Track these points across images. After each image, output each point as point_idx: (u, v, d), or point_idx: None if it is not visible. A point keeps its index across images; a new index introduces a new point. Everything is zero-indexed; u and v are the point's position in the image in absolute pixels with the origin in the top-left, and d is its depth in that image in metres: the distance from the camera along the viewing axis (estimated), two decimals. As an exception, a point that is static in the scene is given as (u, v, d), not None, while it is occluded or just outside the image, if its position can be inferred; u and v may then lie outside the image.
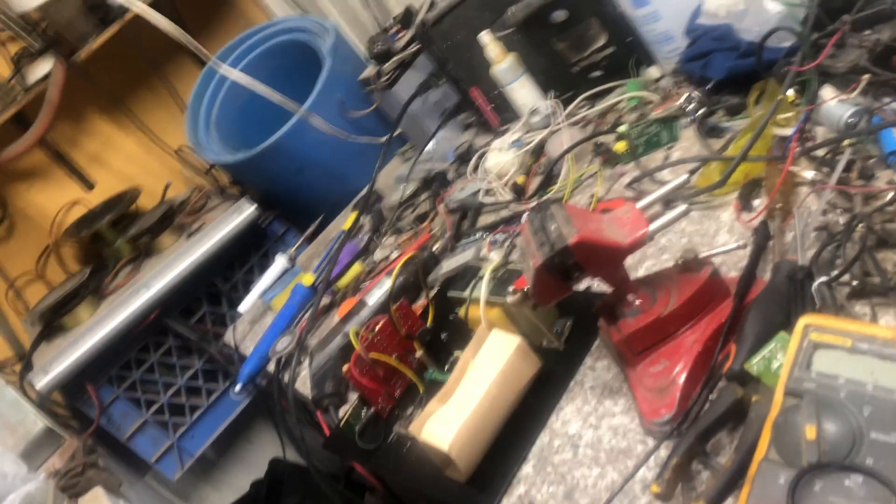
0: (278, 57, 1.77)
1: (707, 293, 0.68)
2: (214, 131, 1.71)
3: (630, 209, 0.67)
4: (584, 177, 1.07)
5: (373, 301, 1.07)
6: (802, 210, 0.74)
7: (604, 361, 0.78)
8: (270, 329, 1.25)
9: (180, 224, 1.73)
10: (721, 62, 0.94)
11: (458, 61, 1.29)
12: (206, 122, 1.73)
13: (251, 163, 1.51)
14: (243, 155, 1.52)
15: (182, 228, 1.71)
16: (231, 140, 1.70)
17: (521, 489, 0.71)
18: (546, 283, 0.67)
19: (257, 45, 1.78)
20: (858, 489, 0.48)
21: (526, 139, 1.22)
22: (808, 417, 0.52)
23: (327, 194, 1.57)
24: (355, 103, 1.51)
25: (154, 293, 1.54)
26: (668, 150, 1.00)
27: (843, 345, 0.55)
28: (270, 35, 1.77)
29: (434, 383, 0.87)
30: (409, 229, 1.29)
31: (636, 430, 0.68)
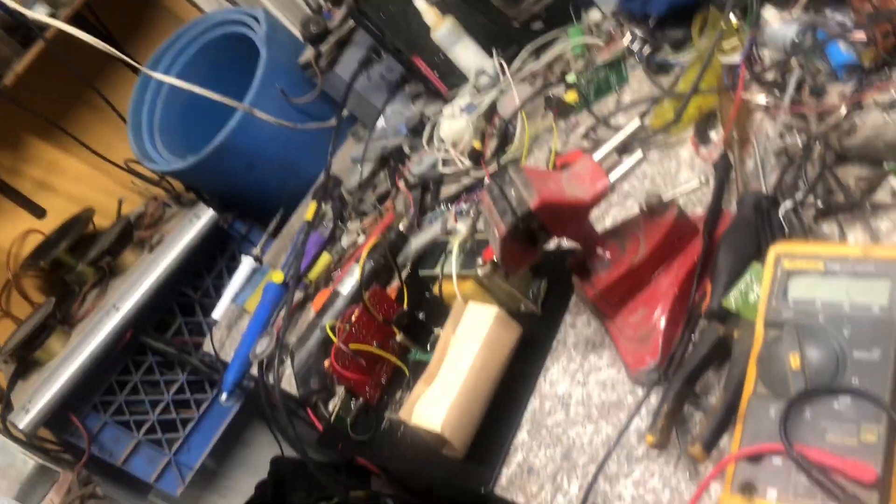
0: (214, 52, 1.71)
1: (675, 235, 0.67)
2: (160, 139, 1.66)
3: (587, 162, 0.66)
4: (539, 133, 1.06)
5: (346, 290, 1.05)
6: (760, 137, 0.74)
7: (583, 317, 0.77)
8: (247, 332, 1.23)
9: (140, 239, 1.68)
10: (660, -3, 0.93)
11: (396, 32, 1.26)
12: (150, 131, 1.67)
13: (201, 166, 1.46)
14: (192, 160, 1.47)
15: (143, 243, 1.67)
16: (178, 146, 1.65)
17: (519, 456, 0.71)
18: (513, 250, 0.66)
19: (190, 44, 1.72)
20: (848, 410, 0.48)
21: (476, 102, 1.19)
22: (791, 347, 0.51)
23: (284, 187, 1.53)
24: (298, 89, 1.47)
25: (125, 313, 1.50)
26: (619, 93, 0.98)
27: (816, 269, 0.54)
28: (202, 31, 1.71)
29: (419, 364, 0.86)
30: (372, 211, 1.26)
31: (624, 382, 0.68)
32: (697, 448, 0.55)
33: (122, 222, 1.76)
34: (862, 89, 0.69)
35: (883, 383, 0.47)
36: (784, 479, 0.47)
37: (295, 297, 1.19)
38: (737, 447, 0.50)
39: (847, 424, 0.47)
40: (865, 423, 0.47)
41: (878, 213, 0.60)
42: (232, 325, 1.38)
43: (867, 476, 0.44)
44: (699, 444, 0.55)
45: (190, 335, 1.67)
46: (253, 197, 1.64)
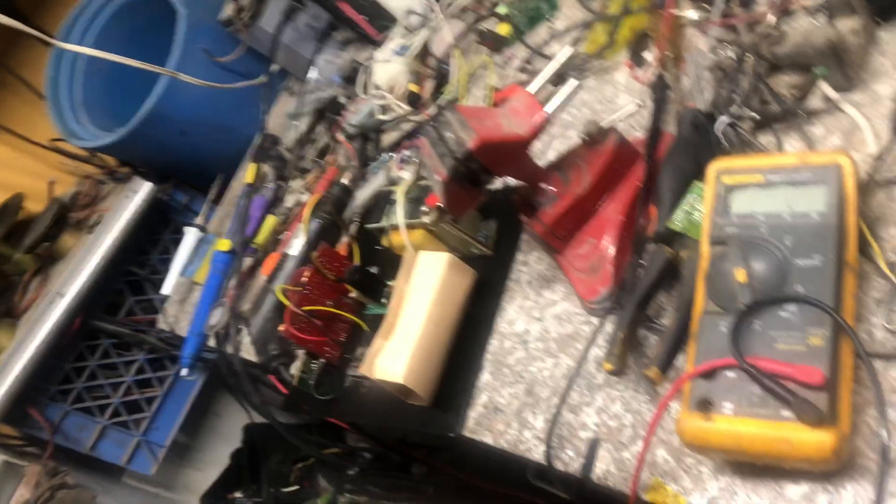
0: (130, 15, 1.62)
1: (617, 161, 0.67)
2: (84, 114, 1.58)
3: (523, 96, 0.64)
4: (475, 69, 1.03)
5: (294, 251, 1.03)
6: (693, 53, 0.73)
7: (534, 254, 0.77)
8: (200, 304, 1.20)
9: (77, 221, 1.62)
10: (581, -83, 0.90)
11: (317, -23, 1.21)
12: (72, 106, 1.59)
13: (131, 138, 1.40)
14: (121, 132, 1.41)
15: (80, 225, 1.60)
16: (105, 119, 1.58)
17: (484, 397, 0.71)
18: (457, 194, 0.64)
19: (103, 8, 1.63)
20: (795, 318, 0.49)
21: (408, 44, 1.16)
22: (736, 261, 0.52)
23: (220, 151, 1.48)
24: (223, 48, 1.41)
25: (71, 299, 1.45)
26: (551, 21, 0.96)
27: (756, 181, 0.54)
28: (113, -6, 1.62)
29: (376, 318, 0.85)
30: (314, 167, 1.23)
31: (579, 313, 0.69)
32: (654, 370, 0.56)
33: (56, 205, 1.68)
34: (789, -5, 0.68)
35: (825, 288, 0.48)
36: (738, 391, 0.48)
37: (244, 264, 1.17)
38: (691, 365, 0.51)
39: (794, 332, 0.48)
40: (811, 328, 0.47)
41: (812, 119, 0.61)
42: (184, 298, 1.35)
43: (815, 379, 0.45)
44: (655, 366, 0.56)
45: (143, 313, 1.63)
46: (190, 164, 1.58)
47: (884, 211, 0.53)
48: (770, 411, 0.46)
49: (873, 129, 0.56)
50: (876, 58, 0.59)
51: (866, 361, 0.46)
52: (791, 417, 0.45)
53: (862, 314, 0.50)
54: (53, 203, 1.72)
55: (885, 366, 0.48)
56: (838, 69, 0.58)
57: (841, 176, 0.51)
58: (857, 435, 0.47)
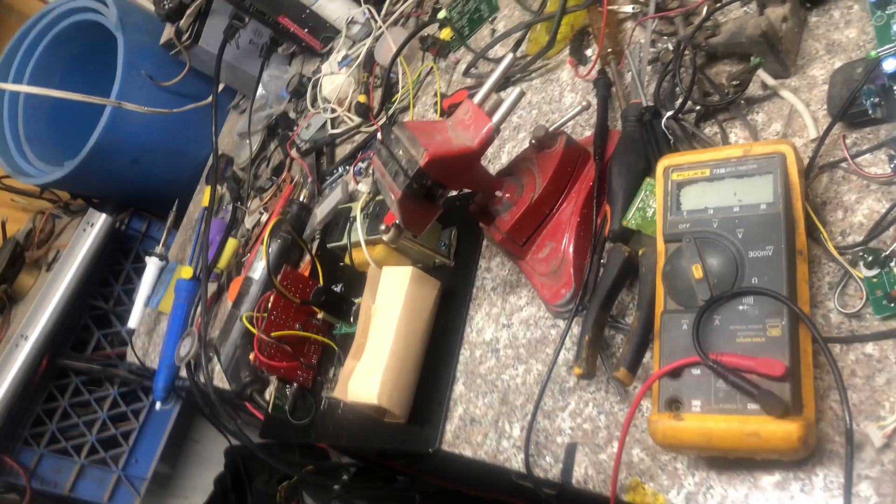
0: (68, 45, 1.59)
1: (568, 163, 0.67)
2: (29, 150, 1.54)
3: (469, 108, 0.64)
4: (421, 76, 1.03)
5: (258, 275, 1.02)
6: (633, 47, 0.73)
7: (497, 259, 0.77)
8: (168, 334, 1.19)
9: (34, 259, 1.58)
10: (513, -83, 0.90)
11: (255, -6, 1.19)
12: (17, 143, 1.55)
13: (81, 171, 1.37)
14: (70, 166, 1.38)
15: (38, 263, 1.57)
16: (52, 153, 1.54)
17: (460, 409, 0.71)
18: (413, 210, 0.64)
19: (40, 39, 1.59)
20: (752, 309, 0.49)
21: (353, 54, 1.15)
22: (692, 258, 0.52)
23: (174, 175, 1.46)
24: (167, 71, 1.38)
25: (35, 340, 1.42)
26: (492, 22, 0.96)
27: (704, 175, 0.55)
28: (50, 24, 1.57)
29: (346, 337, 0.85)
30: (270, 186, 1.22)
31: (546, 317, 0.69)
32: (622, 371, 0.56)
33: (10, 244, 1.64)
34: (721, -17, 0.69)
35: (779, 277, 0.49)
36: (705, 388, 0.49)
37: (209, 290, 1.16)
38: (657, 365, 0.52)
39: (753, 324, 0.49)
40: (769, 319, 0.48)
41: (753, 106, 0.62)
42: (151, 329, 1.33)
43: (777, 370, 0.46)
44: (623, 367, 0.56)
45: (112, 346, 1.60)
46: (145, 191, 1.56)
47: (828, 194, 0.54)
48: (737, 406, 0.47)
49: (812, 114, 0.57)
50: (809, 43, 0.60)
51: (824, 348, 0.47)
52: (757, 410, 0.46)
53: (817, 299, 0.51)
54: (7, 243, 1.67)
55: (844, 349, 0.49)
56: (773, 57, 0.59)
57: (785, 164, 0.52)
58: (823, 420, 0.48)
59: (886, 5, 0.51)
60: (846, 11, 0.59)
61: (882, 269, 0.48)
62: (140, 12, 1.46)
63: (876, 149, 0.52)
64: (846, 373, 0.48)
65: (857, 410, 0.46)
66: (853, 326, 0.49)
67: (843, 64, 0.56)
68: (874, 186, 0.51)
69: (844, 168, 0.53)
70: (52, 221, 1.70)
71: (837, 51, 0.58)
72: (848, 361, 0.48)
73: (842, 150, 0.53)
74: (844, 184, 0.53)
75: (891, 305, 0.47)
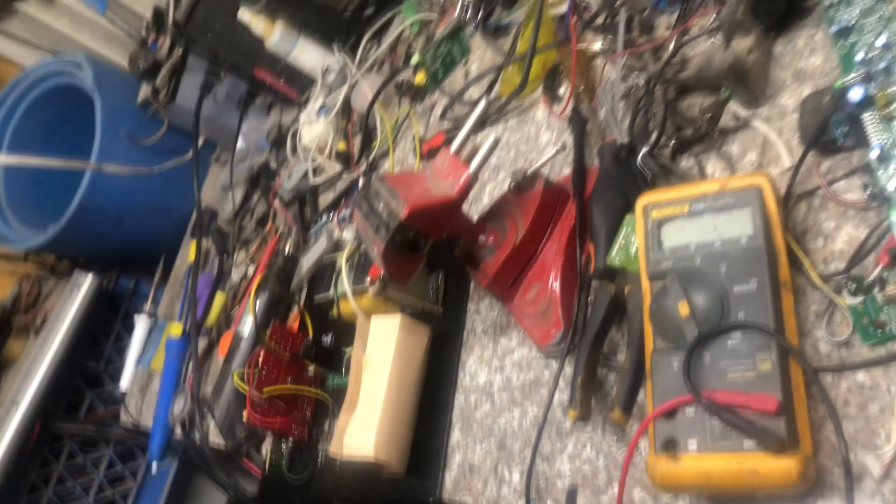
0: (48, 108, 1.59)
1: (548, 204, 0.67)
2: (12, 216, 1.54)
3: (446, 157, 0.65)
4: (399, 121, 1.04)
5: (247, 330, 1.01)
6: (604, 84, 0.74)
7: (485, 301, 0.77)
8: (161, 393, 1.17)
9: (22, 325, 1.57)
10: (478, -39, 0.91)
11: (230, 48, 1.20)
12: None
13: (64, 234, 1.37)
14: (53, 230, 1.37)
15: (26, 329, 1.56)
16: (35, 217, 1.54)
17: (458, 457, 0.70)
18: (397, 263, 0.64)
19: (18, 105, 1.59)
20: (741, 345, 0.49)
21: (330, 102, 1.16)
22: (677, 296, 0.52)
23: (159, 232, 1.46)
24: (146, 129, 1.39)
25: (26, 407, 1.40)
26: (465, 64, 0.97)
27: (683, 212, 0.55)
28: (27, 89, 1.58)
29: (339, 389, 0.84)
30: (255, 237, 1.22)
31: (538, 357, 0.69)
32: (617, 412, 0.56)
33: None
34: (686, 17, 0.70)
35: (765, 311, 0.49)
36: (700, 427, 0.48)
37: (200, 346, 1.15)
38: (651, 406, 0.51)
39: (743, 359, 0.48)
40: (759, 353, 0.48)
41: (727, 138, 0.62)
42: (144, 389, 1.31)
43: (770, 405, 0.46)
44: (618, 407, 0.56)
45: (105, 406, 1.58)
46: (131, 249, 1.56)
47: (808, 223, 0.54)
48: (733, 443, 0.47)
49: (785, 143, 0.57)
50: (777, 72, 0.61)
51: (815, 379, 0.47)
52: (754, 447, 0.46)
53: (804, 329, 0.51)
54: (-6, 310, 1.66)
55: (835, 378, 0.48)
56: (743, 88, 0.59)
57: (762, 197, 0.52)
58: (821, 452, 0.47)
59: (847, 34, 0.52)
60: (810, 40, 0.60)
61: (866, 296, 0.48)
62: (116, 73, 1.47)
63: (850, 175, 0.52)
64: (839, 402, 0.48)
65: (853, 441, 0.46)
66: (843, 355, 0.49)
67: (811, 92, 0.56)
68: (851, 213, 0.52)
69: (821, 195, 0.54)
70: (38, 285, 1.69)
71: (805, 79, 0.59)
72: (840, 391, 0.48)
73: (817, 178, 0.54)
74: (822, 211, 0.54)
75: (878, 332, 0.47)
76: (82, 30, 1.68)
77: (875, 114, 0.49)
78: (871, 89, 0.49)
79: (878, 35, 0.50)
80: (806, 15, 0.60)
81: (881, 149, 0.48)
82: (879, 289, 0.48)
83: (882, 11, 0.51)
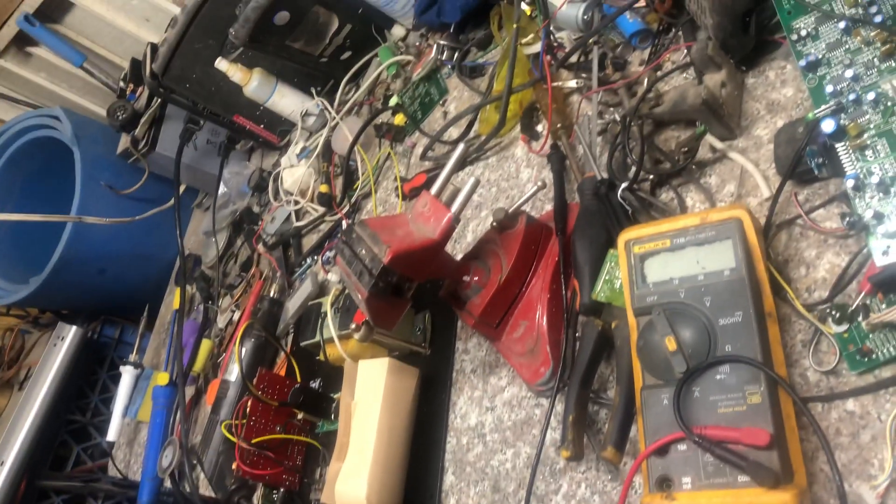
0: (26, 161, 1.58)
1: (531, 241, 0.67)
2: (-8, 270, 1.52)
3: (427, 200, 0.65)
4: (380, 162, 1.04)
5: (234, 377, 1.00)
6: (581, 121, 0.75)
7: (473, 340, 0.76)
8: (149, 445, 1.15)
9: (6, 379, 1.54)
10: (452, 4, 0.93)
11: (208, 97, 1.20)
12: (-22, 265, 1.53)
13: (47, 287, 1.36)
14: (34, 283, 1.36)
15: (10, 383, 1.53)
16: (16, 270, 1.52)
17: (452, 501, 0.69)
18: (382, 307, 0.64)
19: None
20: (730, 378, 0.49)
21: (311, 145, 1.16)
22: (663, 331, 0.52)
23: (143, 280, 1.45)
24: (126, 179, 1.39)
25: (11, 464, 1.38)
26: (443, 105, 0.98)
27: (665, 246, 0.55)
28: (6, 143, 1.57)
29: (329, 435, 0.83)
30: (239, 282, 1.21)
31: (528, 396, 0.68)
32: (610, 451, 0.55)
33: (-20, 366, 1.61)
34: (658, 53, 0.71)
35: (751, 342, 0.49)
36: (693, 463, 0.48)
37: (187, 394, 1.13)
38: (643, 443, 0.51)
39: (733, 393, 0.48)
40: (748, 386, 0.48)
41: (705, 170, 0.63)
42: (132, 440, 1.29)
43: (762, 439, 0.45)
44: (610, 446, 0.55)
45: (92, 460, 1.56)
46: (114, 298, 1.54)
47: (789, 252, 0.54)
48: (727, 479, 0.46)
49: (762, 173, 0.58)
50: (750, 104, 0.62)
51: (805, 410, 0.47)
52: (749, 482, 0.45)
53: (792, 359, 0.51)
54: (-24, 366, 1.63)
55: (825, 408, 0.48)
56: (717, 121, 0.60)
57: (742, 228, 0.52)
58: (816, 483, 0.47)
59: (817, 67, 0.53)
60: (780, 72, 0.61)
61: (850, 323, 0.48)
62: (94, 124, 1.47)
63: (828, 204, 0.53)
64: (831, 432, 0.47)
65: (847, 471, 0.46)
66: (832, 384, 0.49)
67: (784, 123, 0.57)
68: (832, 241, 0.52)
69: (801, 224, 0.54)
70: (21, 338, 1.67)
71: (778, 109, 0.60)
72: (831, 420, 0.48)
73: (796, 208, 0.54)
74: (803, 240, 0.54)
75: (865, 360, 0.47)
76: (60, 82, 1.69)
77: (848, 144, 0.50)
78: (842, 120, 0.50)
79: (846, 67, 0.51)
80: (775, 48, 0.61)
81: (856, 178, 0.49)
82: (863, 316, 0.48)
83: (848, 44, 0.52)
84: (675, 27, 0.69)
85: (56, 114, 1.41)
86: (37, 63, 1.65)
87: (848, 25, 0.51)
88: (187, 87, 1.17)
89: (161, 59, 1.12)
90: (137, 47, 1.51)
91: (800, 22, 0.55)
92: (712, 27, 0.59)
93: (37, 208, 1.30)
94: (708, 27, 0.60)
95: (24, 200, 1.49)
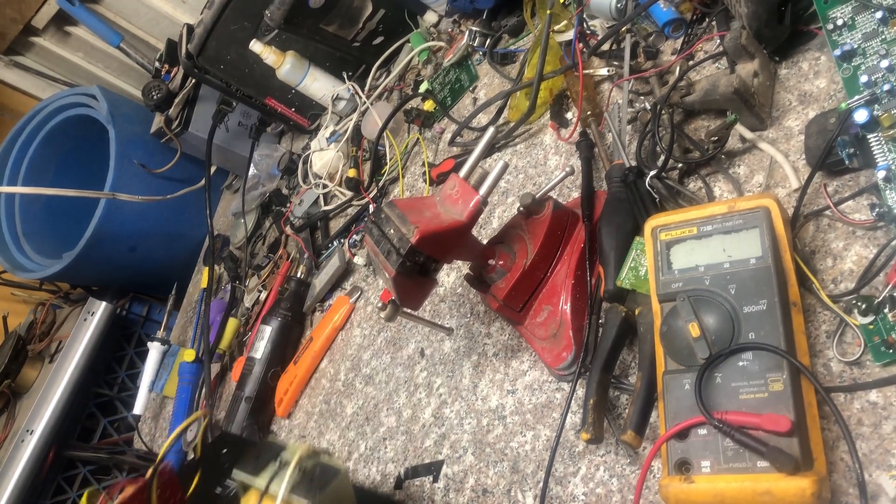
0: (62, 139, 1.62)
1: (557, 227, 0.68)
2: (28, 245, 1.56)
3: (456, 183, 0.65)
4: (408, 147, 1.05)
5: (259, 354, 1.01)
6: (611, 109, 0.75)
7: (496, 324, 0.77)
8: (174, 419, 1.18)
9: (37, 352, 1.58)
10: (485, -10, 0.93)
11: (241, 79, 1.22)
12: (14, 239, 1.57)
13: (79, 263, 1.39)
14: (67, 259, 1.39)
15: (41, 356, 1.57)
16: (50, 246, 1.56)
17: (471, 480, 0.70)
18: (409, 287, 0.65)
19: (34, 136, 1.62)
20: (752, 365, 0.49)
21: (340, 130, 1.17)
22: (687, 317, 0.52)
23: (173, 258, 1.47)
24: (159, 158, 1.41)
25: (41, 434, 1.41)
26: (472, 91, 0.99)
27: (692, 234, 0.56)
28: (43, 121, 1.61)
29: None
30: (266, 263, 1.23)
31: (549, 380, 0.69)
32: (630, 434, 0.55)
33: (13, 338, 1.64)
34: (691, 42, 0.71)
35: (775, 330, 0.49)
36: (713, 447, 0.48)
37: (213, 371, 1.15)
38: (663, 427, 0.51)
39: (755, 380, 0.49)
40: (770, 373, 0.48)
41: (734, 160, 0.63)
42: (157, 414, 1.32)
43: (783, 426, 0.46)
44: (630, 429, 0.56)
45: (118, 433, 1.59)
46: (144, 276, 1.57)
47: (816, 243, 0.54)
48: (746, 464, 0.47)
49: (792, 164, 0.58)
50: (782, 94, 0.61)
51: (828, 399, 0.47)
52: (768, 468, 0.46)
53: (816, 349, 0.51)
54: (10, 337, 1.68)
55: (848, 398, 0.48)
56: (748, 111, 0.60)
57: (770, 218, 0.52)
58: (836, 472, 0.47)
59: (852, 57, 0.53)
60: (814, 63, 0.61)
61: (876, 315, 0.48)
62: (130, 103, 1.50)
63: (857, 195, 0.53)
64: (853, 422, 0.48)
65: (867, 460, 0.46)
66: (855, 374, 0.49)
67: (816, 114, 0.57)
68: (860, 232, 0.52)
69: (829, 216, 0.54)
70: (52, 312, 1.71)
71: (810, 101, 0.60)
72: (854, 410, 0.48)
73: (824, 199, 0.54)
74: (831, 231, 0.54)
75: (889, 352, 0.48)
76: (97, 62, 1.72)
77: (881, 135, 0.49)
78: (876, 111, 0.50)
79: (881, 58, 0.51)
80: (809, 38, 0.61)
81: (888, 169, 0.48)
82: (890, 308, 0.48)
83: (885, 35, 0.51)
84: (708, 16, 0.69)
85: (93, 92, 1.44)
86: (75, 42, 1.68)
87: (885, 15, 0.51)
88: (221, 68, 1.18)
89: (196, 39, 1.14)
90: (174, 28, 1.54)
91: (836, 11, 0.54)
92: (747, 16, 0.59)
93: (71, 185, 1.33)
94: (742, 16, 0.60)
95: (59, 177, 1.52)
